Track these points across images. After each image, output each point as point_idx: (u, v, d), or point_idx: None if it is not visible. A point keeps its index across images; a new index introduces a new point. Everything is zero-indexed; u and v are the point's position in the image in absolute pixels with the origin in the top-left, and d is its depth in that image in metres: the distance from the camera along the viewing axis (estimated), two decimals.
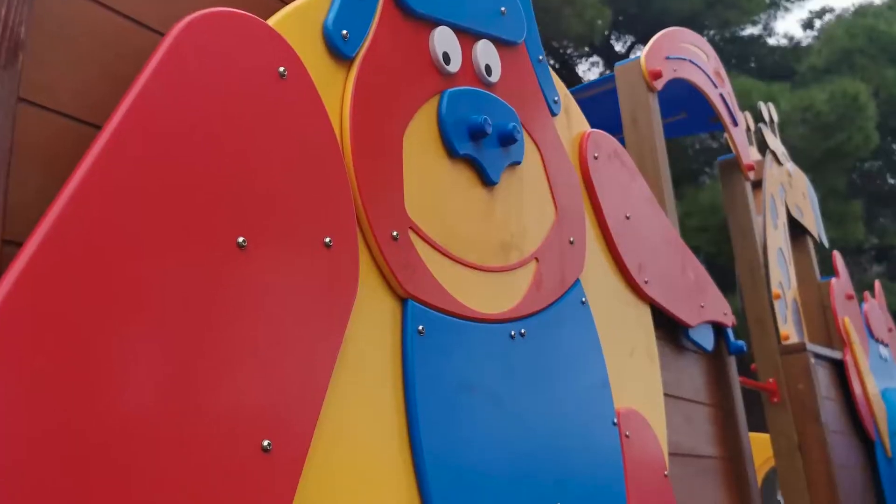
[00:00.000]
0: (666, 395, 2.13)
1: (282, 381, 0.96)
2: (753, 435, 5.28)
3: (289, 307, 1.00)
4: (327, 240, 1.09)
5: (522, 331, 1.48)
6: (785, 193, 4.27)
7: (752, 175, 3.82)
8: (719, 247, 10.32)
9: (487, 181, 1.49)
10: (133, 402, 0.82)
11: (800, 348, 3.47)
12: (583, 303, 1.70)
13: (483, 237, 1.45)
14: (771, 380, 3.48)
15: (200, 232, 0.92)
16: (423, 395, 1.19)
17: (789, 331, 3.64)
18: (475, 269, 1.40)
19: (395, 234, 1.23)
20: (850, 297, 4.34)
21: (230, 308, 0.93)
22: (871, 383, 4.13)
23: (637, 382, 1.89)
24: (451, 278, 1.33)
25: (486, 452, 1.29)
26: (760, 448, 4.93)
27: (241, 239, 0.96)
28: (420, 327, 1.23)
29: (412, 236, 1.27)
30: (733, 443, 2.45)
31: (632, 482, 1.69)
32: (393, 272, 1.20)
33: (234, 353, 0.92)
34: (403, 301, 1.23)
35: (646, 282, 2.01)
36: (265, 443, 0.91)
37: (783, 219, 4.14)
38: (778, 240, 3.94)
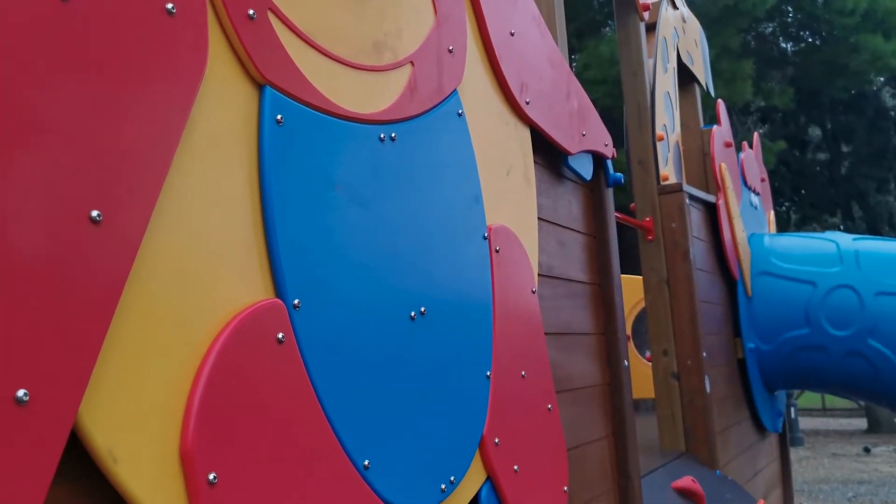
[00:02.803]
0: (541, 219, 2.16)
1: (110, 150, 0.88)
2: (629, 276, 5.54)
3: (122, 72, 0.91)
4: (170, 6, 0.98)
5: (393, 135, 1.43)
6: (678, 38, 4.28)
7: (647, 15, 3.79)
8: (615, 100, 10.42)
9: None
10: None
11: (676, 188, 3.59)
12: (459, 115, 1.66)
13: (353, 32, 1.37)
14: (648, 218, 3.60)
15: None
16: (280, 187, 1.14)
17: (669, 172, 3.74)
18: (343, 64, 1.33)
19: (251, 12, 1.13)
20: (728, 145, 4.48)
21: (53, 64, 0.83)
22: (740, 227, 4.35)
23: (511, 202, 1.90)
24: (316, 70, 1.26)
25: (348, 251, 1.27)
26: (635, 289, 5.20)
27: None
28: (278, 116, 1.16)
29: (271, 18, 1.17)
30: (604, 271, 2.54)
31: (499, 294, 1.72)
32: (249, 54, 1.12)
33: (54, 111, 0.83)
34: (261, 87, 1.15)
35: (527, 102, 1.98)
36: (94, 213, 0.85)
37: (673, 63, 4.17)
38: (666, 84, 3.98)
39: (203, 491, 0.94)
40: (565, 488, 1.92)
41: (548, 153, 2.22)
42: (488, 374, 1.64)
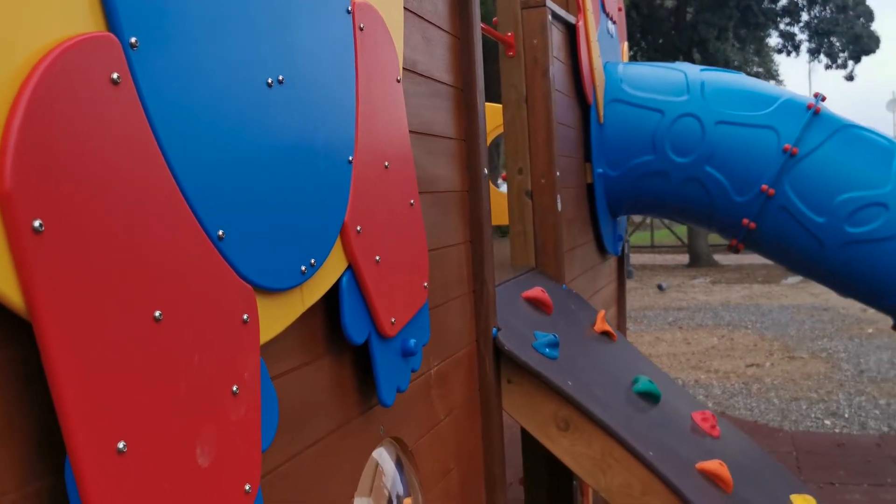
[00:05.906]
0: (407, 9, 2.02)
1: None
2: (488, 104, 5.50)
3: None
4: None
5: None
6: None
7: None
8: None
9: None
10: None
11: (540, 3, 3.49)
12: None
13: None
14: (509, 33, 3.51)
15: None
16: None
17: None
18: None
19: None
20: None
21: None
22: (597, 53, 4.35)
23: None
24: None
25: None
26: (494, 116, 5.18)
27: None
28: None
29: None
30: (467, 74, 2.45)
31: (363, 75, 1.60)
32: None
33: None
34: None
35: None
36: None
37: None
38: None
39: (27, 237, 0.80)
40: (425, 284, 1.90)
41: None
42: (350, 158, 1.54)
